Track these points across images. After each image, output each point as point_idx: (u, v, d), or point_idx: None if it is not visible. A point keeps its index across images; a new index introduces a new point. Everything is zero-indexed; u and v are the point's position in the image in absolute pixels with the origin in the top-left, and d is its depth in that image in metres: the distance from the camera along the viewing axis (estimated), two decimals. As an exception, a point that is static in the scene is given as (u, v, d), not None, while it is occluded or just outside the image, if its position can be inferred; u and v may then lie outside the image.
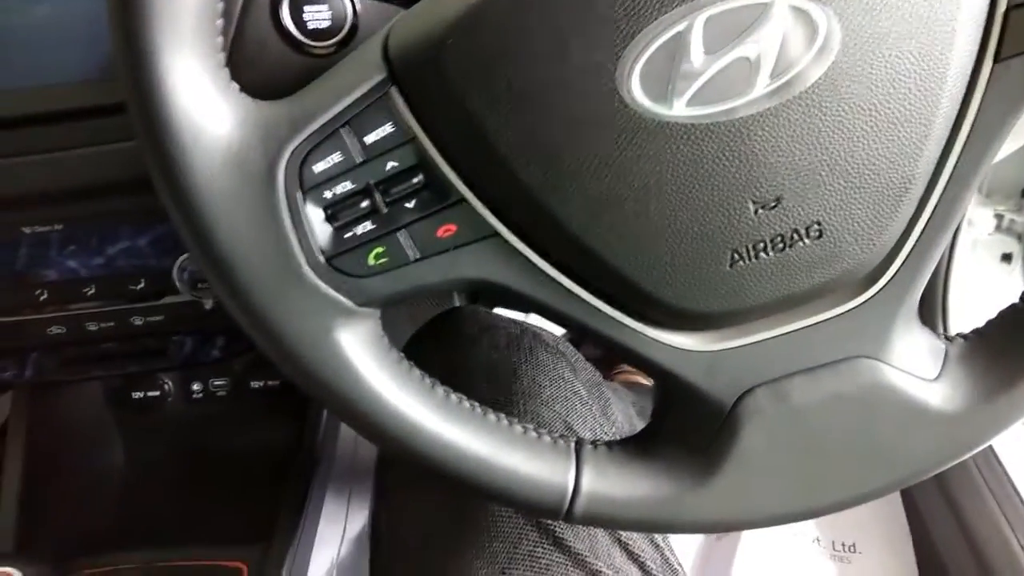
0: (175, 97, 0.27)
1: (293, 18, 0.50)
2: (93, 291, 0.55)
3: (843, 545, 0.92)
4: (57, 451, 0.74)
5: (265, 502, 0.72)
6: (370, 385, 0.31)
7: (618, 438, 0.36)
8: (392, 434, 0.32)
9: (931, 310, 0.92)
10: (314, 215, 0.30)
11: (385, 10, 0.44)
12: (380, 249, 0.30)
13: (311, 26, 0.51)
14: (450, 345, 0.55)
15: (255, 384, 0.77)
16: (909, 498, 0.94)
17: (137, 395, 0.76)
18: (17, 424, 0.70)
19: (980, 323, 0.36)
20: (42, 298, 0.55)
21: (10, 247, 0.55)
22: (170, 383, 0.77)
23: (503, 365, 0.52)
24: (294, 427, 0.78)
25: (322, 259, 0.30)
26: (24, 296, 0.55)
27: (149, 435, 0.79)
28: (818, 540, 0.93)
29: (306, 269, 0.30)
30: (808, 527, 0.94)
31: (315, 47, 0.51)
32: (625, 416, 0.60)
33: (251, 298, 0.30)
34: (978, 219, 0.96)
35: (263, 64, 0.51)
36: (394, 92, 0.29)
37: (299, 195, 0.29)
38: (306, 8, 0.50)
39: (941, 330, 0.92)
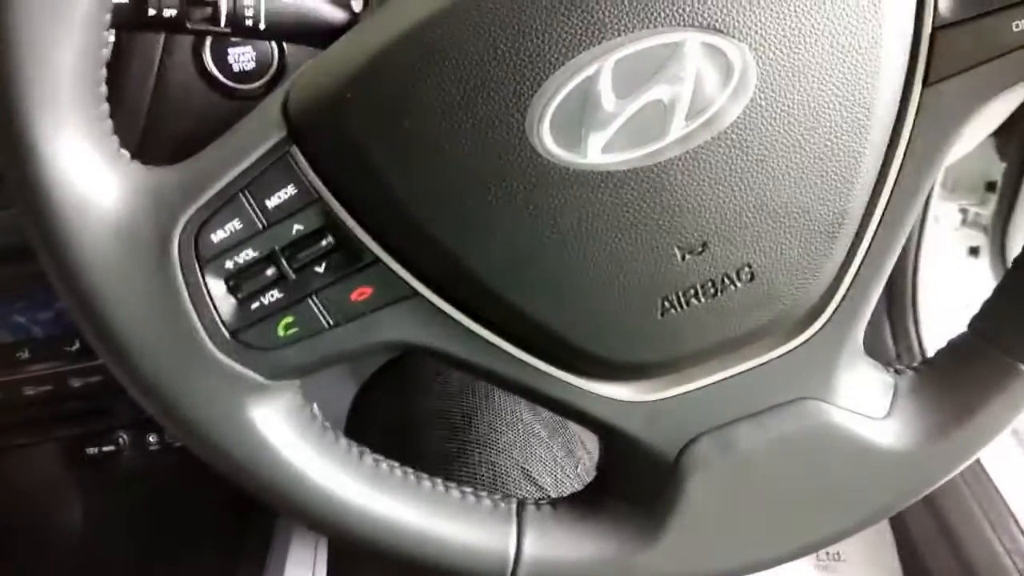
0: (55, 170, 0.25)
1: (216, 61, 0.49)
2: (27, 355, 0.53)
3: (827, 554, 0.91)
4: (9, 518, 0.71)
5: (228, 554, 0.70)
6: (290, 464, 0.30)
7: (583, 478, 0.34)
8: (318, 514, 0.30)
9: (901, 310, 0.91)
10: (215, 287, 0.28)
11: (314, 51, 0.43)
12: (290, 319, 0.28)
13: (237, 68, 0.49)
14: (400, 395, 0.54)
15: (213, 432, 0.74)
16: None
17: (91, 451, 0.74)
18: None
19: (950, 324, 0.35)
20: (-27, 365, 0.53)
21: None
22: (125, 437, 0.74)
23: (456, 412, 0.50)
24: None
25: (227, 334, 0.28)
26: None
27: (106, 492, 0.76)
28: (804, 549, 0.92)
29: (210, 347, 0.28)
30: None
31: (243, 89, 0.50)
32: (597, 445, 0.58)
33: (153, 383, 0.28)
34: (944, 214, 0.96)
35: (189, 111, 0.49)
36: (295, 151, 0.27)
37: (197, 267, 0.27)
38: (230, 50, 0.49)
39: (913, 331, 0.91)
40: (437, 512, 0.31)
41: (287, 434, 0.30)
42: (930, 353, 0.35)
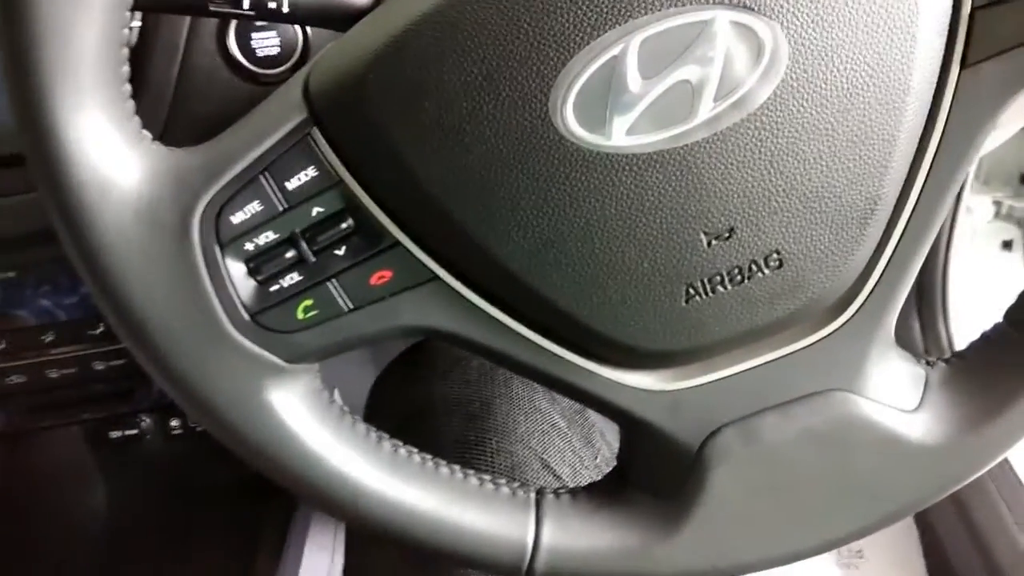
0: (76, 150, 0.25)
1: (240, 46, 0.48)
2: (52, 338, 0.53)
3: (850, 551, 0.90)
4: (32, 499, 0.72)
5: (247, 540, 0.70)
6: (308, 446, 0.29)
7: (602, 469, 0.34)
8: (336, 498, 0.30)
9: (931, 304, 0.89)
10: (235, 269, 0.28)
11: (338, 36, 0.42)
12: (309, 302, 0.28)
13: (261, 53, 0.49)
14: (419, 382, 0.53)
15: (234, 418, 0.75)
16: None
17: (115, 435, 0.75)
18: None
19: (981, 318, 0.34)
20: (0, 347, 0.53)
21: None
22: (148, 420, 0.75)
23: (475, 401, 0.50)
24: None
25: (246, 316, 0.28)
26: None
27: (128, 475, 0.77)
28: (826, 545, 0.91)
29: (230, 328, 0.28)
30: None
31: (267, 75, 0.50)
32: (616, 435, 0.58)
33: (173, 364, 0.28)
34: (976, 206, 0.94)
35: (214, 95, 0.49)
36: (316, 133, 0.27)
37: (217, 249, 0.27)
38: (254, 35, 0.48)
39: (942, 326, 0.89)
40: (455, 499, 0.31)
41: (305, 417, 0.29)
42: (959, 348, 0.34)
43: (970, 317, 0.89)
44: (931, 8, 0.26)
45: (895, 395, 0.31)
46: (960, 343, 0.88)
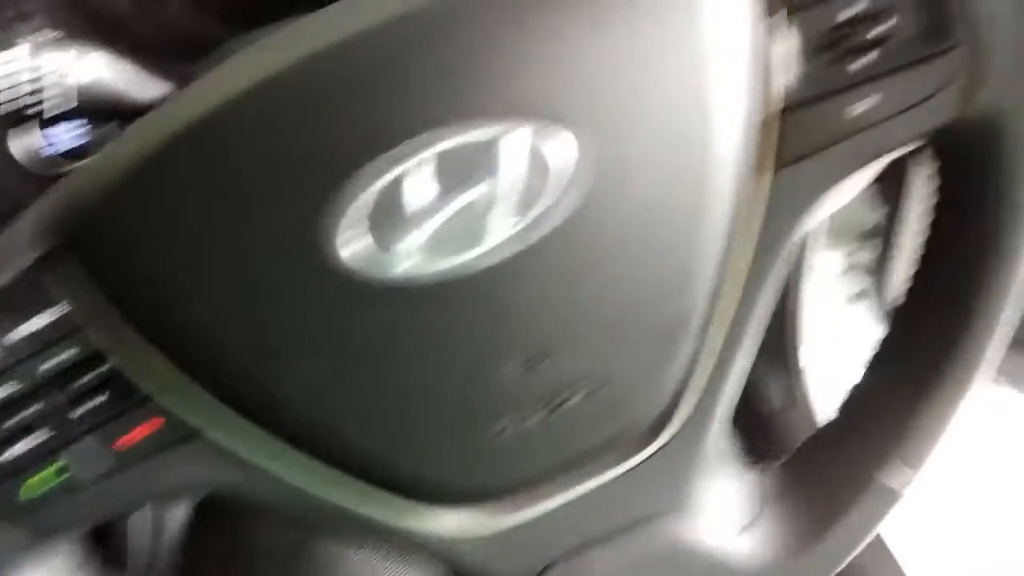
0: None
1: (26, 143, 0.43)
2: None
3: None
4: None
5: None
6: None
7: None
8: None
9: (784, 361, 0.91)
10: None
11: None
12: (47, 472, 0.24)
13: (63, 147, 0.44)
14: (234, 521, 0.48)
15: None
16: None
17: None
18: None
19: (834, 375, 0.33)
20: None
21: None
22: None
23: (296, 537, 0.45)
24: None
25: None
26: None
27: None
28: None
29: None
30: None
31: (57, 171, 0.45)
32: None
33: None
34: (819, 264, 0.97)
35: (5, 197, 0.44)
36: (65, 262, 0.23)
37: None
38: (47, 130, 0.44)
39: (795, 385, 0.91)
40: None
41: None
42: (811, 402, 0.33)
43: (825, 373, 0.92)
44: (731, 115, 0.25)
45: (723, 514, 0.30)
46: (816, 400, 0.90)
